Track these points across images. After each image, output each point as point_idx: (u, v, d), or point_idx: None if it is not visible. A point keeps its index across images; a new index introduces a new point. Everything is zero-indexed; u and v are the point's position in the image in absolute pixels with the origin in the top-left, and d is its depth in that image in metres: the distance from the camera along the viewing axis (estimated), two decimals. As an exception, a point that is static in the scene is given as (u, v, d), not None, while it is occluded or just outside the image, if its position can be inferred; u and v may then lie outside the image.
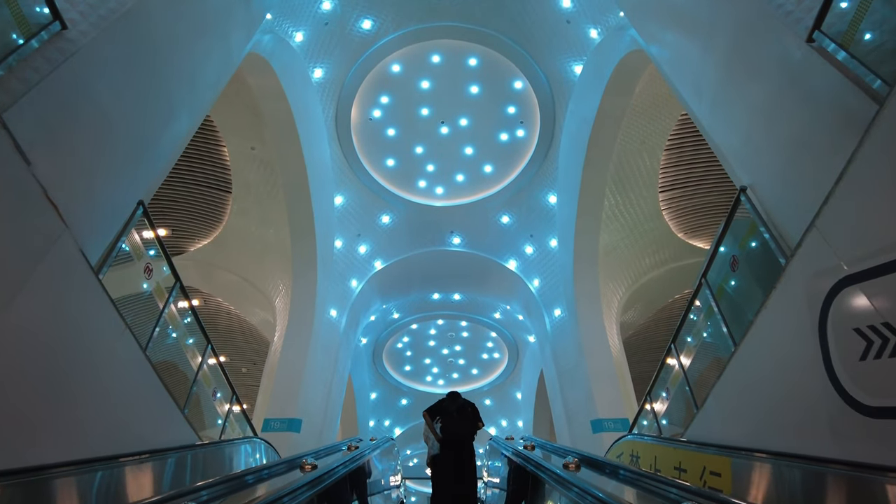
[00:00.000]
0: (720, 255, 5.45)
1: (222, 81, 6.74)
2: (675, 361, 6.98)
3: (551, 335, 13.47)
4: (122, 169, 4.61)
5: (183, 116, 5.58)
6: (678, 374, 6.66)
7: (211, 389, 7.40)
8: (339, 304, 13.77)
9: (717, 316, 5.42)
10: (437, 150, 13.33)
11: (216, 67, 6.36)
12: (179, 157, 12.31)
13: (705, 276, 5.73)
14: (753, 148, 4.84)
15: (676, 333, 6.69)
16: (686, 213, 13.88)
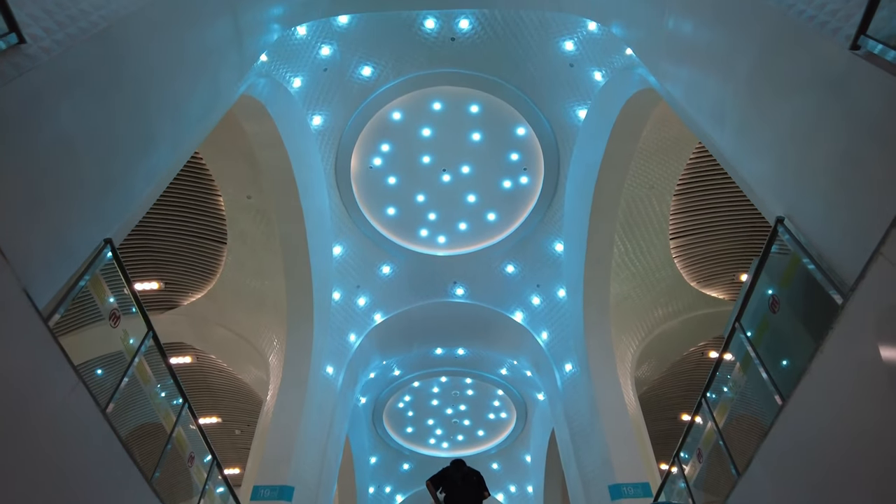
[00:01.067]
0: (756, 295, 4.85)
1: (211, 118, 6.38)
2: (704, 419, 6.25)
3: (563, 392, 12.64)
4: (84, 201, 4.12)
5: (163, 148, 5.15)
6: (710, 435, 5.91)
7: (188, 454, 6.61)
8: (337, 360, 13.04)
9: (757, 365, 4.78)
10: (438, 198, 12.97)
11: (203, 102, 6.01)
12: (173, 208, 12.06)
13: (739, 321, 5.11)
14: (789, 173, 4.34)
15: (707, 387, 6.00)
16: (698, 261, 13.34)
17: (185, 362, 15.88)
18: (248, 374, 15.41)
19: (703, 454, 6.14)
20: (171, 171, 5.60)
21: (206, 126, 6.28)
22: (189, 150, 5.93)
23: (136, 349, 5.22)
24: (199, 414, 17.80)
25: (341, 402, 12.85)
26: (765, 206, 4.83)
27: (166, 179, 5.56)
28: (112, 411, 4.62)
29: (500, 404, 18.43)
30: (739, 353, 5.26)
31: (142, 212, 5.21)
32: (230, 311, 13.89)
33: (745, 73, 4.88)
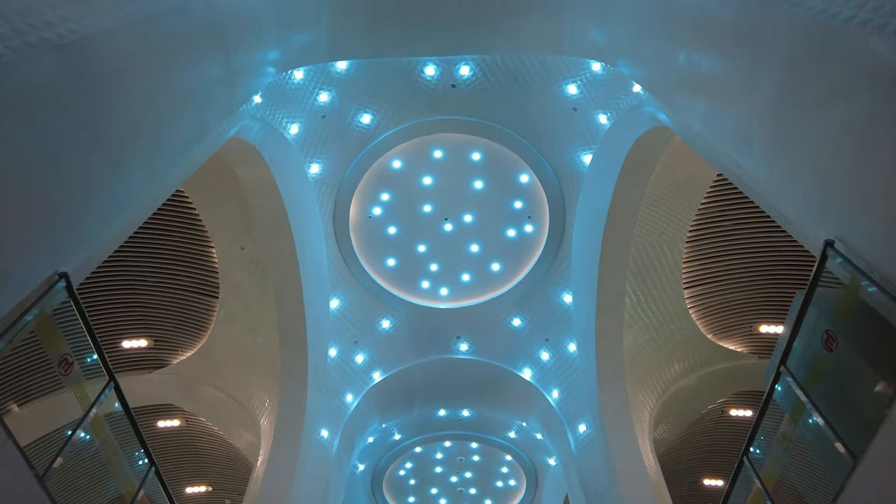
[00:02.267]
0: (804, 333, 4.23)
1: (197, 154, 5.98)
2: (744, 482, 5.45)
3: (577, 456, 11.68)
4: (34, 227, 3.60)
5: (137, 176, 4.69)
6: (758, 500, 5.10)
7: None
8: (332, 422, 12.16)
9: (811, 414, 4.09)
10: (440, 248, 12.50)
11: (187, 136, 5.62)
12: (163, 261, 11.58)
13: (784, 363, 4.45)
14: (836, 190, 3.84)
15: (749, 442, 5.24)
16: (714, 312, 12.68)
17: (173, 426, 14.93)
18: (240, 438, 14.44)
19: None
20: (148, 205, 5.13)
21: (191, 161, 5.87)
22: (170, 183, 5.49)
23: (92, 403, 4.52)
24: (187, 482, 16.78)
25: (336, 468, 11.86)
26: (807, 232, 4.29)
27: (141, 213, 5.08)
28: (57, 482, 3.92)
29: (508, 471, 17.23)
30: (787, 402, 4.57)
31: (109, 247, 4.68)
32: (221, 369, 13.14)
33: (773, 91, 4.47)
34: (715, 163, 5.80)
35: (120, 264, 11.40)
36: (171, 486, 16.59)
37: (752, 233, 11.38)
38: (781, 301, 12.24)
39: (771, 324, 12.75)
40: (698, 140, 6.01)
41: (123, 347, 12.80)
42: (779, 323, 12.64)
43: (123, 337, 12.67)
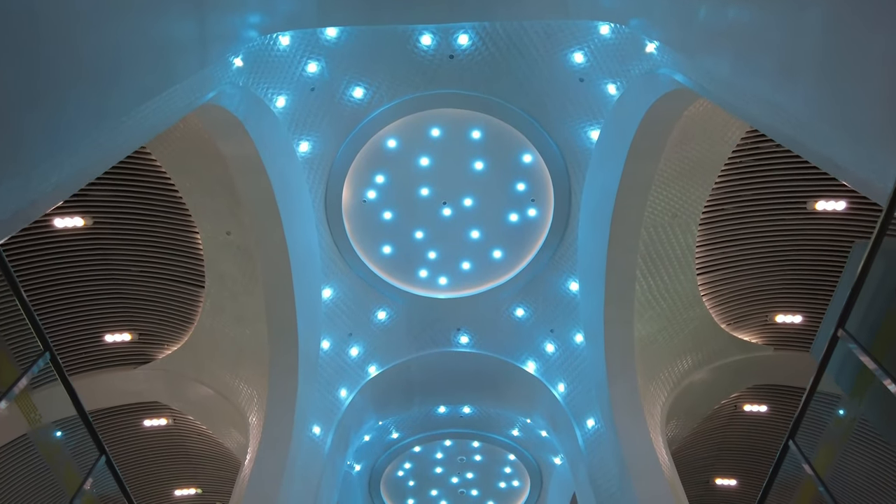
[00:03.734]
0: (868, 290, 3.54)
1: (162, 110, 5.30)
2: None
3: (585, 453, 10.98)
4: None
5: (81, 122, 4.00)
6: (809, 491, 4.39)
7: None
8: (325, 419, 11.48)
9: (880, 386, 3.41)
10: (439, 234, 11.84)
11: (149, 87, 4.94)
12: (146, 249, 10.91)
13: (843, 326, 3.75)
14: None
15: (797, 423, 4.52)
16: (728, 300, 12.00)
17: (160, 425, 14.24)
18: (230, 437, 13.74)
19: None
20: (99, 158, 4.45)
21: (154, 117, 5.19)
22: (127, 137, 4.81)
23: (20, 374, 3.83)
24: (176, 483, 16.10)
25: (329, 467, 11.16)
26: (869, 176, 3.62)
27: (90, 167, 4.40)
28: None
29: (511, 471, 16.52)
30: (844, 375, 3.88)
31: (45, 203, 3.99)
32: (208, 364, 12.46)
33: (821, 8, 3.81)
34: (748, 115, 5.14)
35: (101, 253, 10.77)
36: (160, 489, 16.03)
37: (770, 215, 10.74)
38: (799, 289, 11.60)
39: (788, 313, 12.10)
40: (727, 92, 5.35)
41: (107, 342, 12.15)
42: (796, 312, 12.00)
43: (106, 330, 12.02)
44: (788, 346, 12.60)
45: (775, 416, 14.07)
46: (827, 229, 10.71)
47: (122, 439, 14.07)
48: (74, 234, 10.41)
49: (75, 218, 10.18)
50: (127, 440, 14.17)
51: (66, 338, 11.62)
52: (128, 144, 5.04)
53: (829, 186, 10.19)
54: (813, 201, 10.41)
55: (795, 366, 12.65)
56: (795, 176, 10.19)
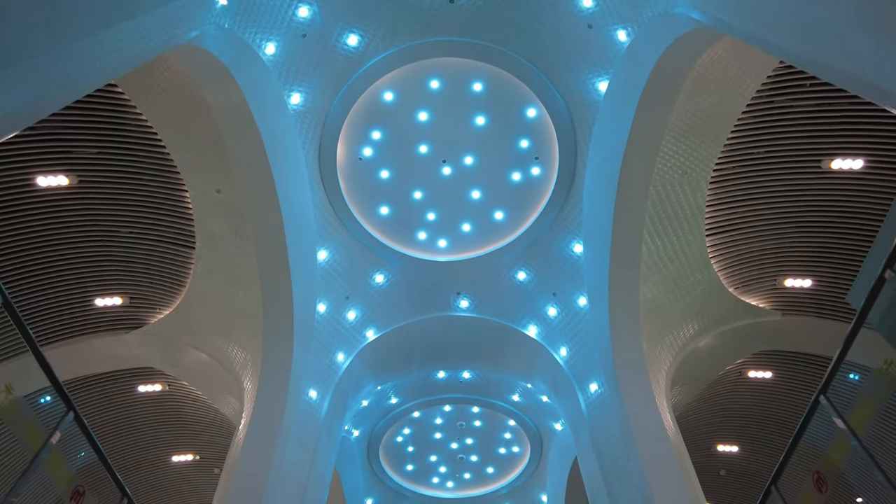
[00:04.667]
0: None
1: (129, 41, 4.80)
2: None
3: (588, 417, 10.74)
4: None
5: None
6: (842, 447, 4.03)
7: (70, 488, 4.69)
8: (321, 382, 11.21)
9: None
10: (438, 194, 11.38)
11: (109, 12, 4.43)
12: (134, 208, 10.45)
13: (892, 266, 3.34)
14: None
15: (831, 375, 4.16)
16: (737, 262, 11.61)
17: (155, 391, 14.03)
18: (226, 404, 13.53)
19: (825, 480, 4.24)
20: (62, 82, 3.98)
21: (124, 49, 4.69)
22: (92, 66, 4.32)
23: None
24: (172, 450, 15.99)
25: (326, 431, 10.93)
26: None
27: (54, 93, 3.94)
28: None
29: (511, 436, 16.39)
30: (889, 319, 3.48)
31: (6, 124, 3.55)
32: (202, 328, 12.15)
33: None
34: (776, 45, 4.64)
35: (88, 214, 10.34)
36: (157, 455, 15.93)
37: (783, 173, 10.27)
38: (809, 252, 11.21)
39: (797, 277, 11.73)
40: (753, 21, 4.83)
41: (97, 306, 11.80)
42: (806, 276, 11.64)
43: (96, 294, 11.66)
44: (796, 312, 12.28)
45: (780, 383, 13.85)
46: (842, 189, 10.24)
47: (116, 405, 13.87)
48: (59, 193, 9.95)
49: (59, 176, 9.72)
50: (122, 406, 13.97)
51: (56, 302, 11.28)
52: (95, 76, 4.56)
53: (846, 144, 9.70)
54: (828, 159, 9.93)
55: (803, 331, 12.37)
56: (811, 132, 9.69)
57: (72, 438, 4.33)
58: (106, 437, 14.31)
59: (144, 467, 15.55)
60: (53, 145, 9.34)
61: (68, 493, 3.77)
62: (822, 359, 12.86)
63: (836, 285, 11.51)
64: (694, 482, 9.05)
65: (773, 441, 15.28)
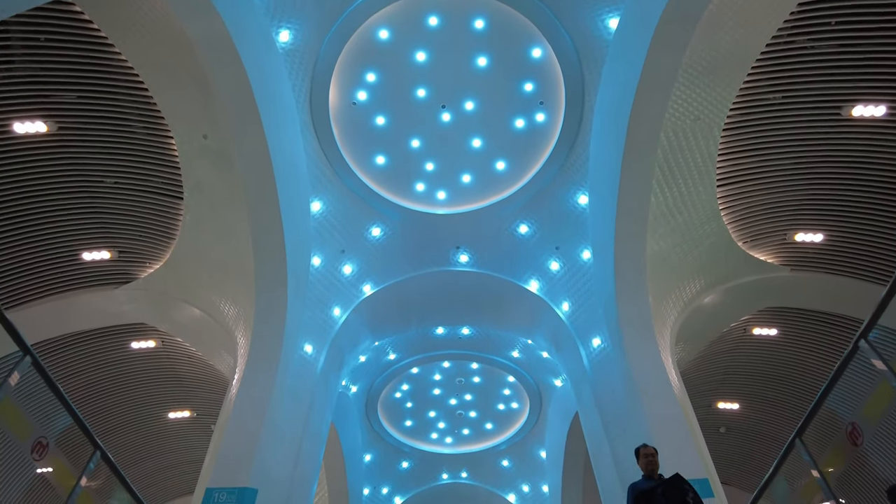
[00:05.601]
0: None
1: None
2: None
3: (590, 373, 10.48)
4: None
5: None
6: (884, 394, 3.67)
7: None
8: (317, 337, 10.91)
9: None
10: (437, 142, 10.82)
11: None
12: (120, 157, 9.92)
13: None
14: None
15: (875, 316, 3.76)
16: (747, 215, 11.18)
17: (148, 347, 13.80)
18: (221, 360, 13.31)
19: (861, 431, 3.88)
20: None
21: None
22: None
23: None
24: (168, 408, 15.86)
25: (322, 386, 10.70)
26: None
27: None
28: None
29: (510, 393, 16.28)
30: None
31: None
32: (193, 282, 11.79)
33: None
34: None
35: (70, 163, 9.84)
36: (153, 412, 15.82)
37: (801, 120, 9.73)
38: (823, 205, 10.77)
39: (809, 231, 11.33)
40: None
41: (84, 260, 11.41)
42: (818, 230, 11.23)
43: (83, 248, 11.26)
44: (805, 267, 11.92)
45: (786, 340, 13.61)
46: (862, 138, 9.71)
47: (110, 362, 13.64)
48: (38, 140, 9.43)
49: (37, 123, 9.18)
50: (115, 363, 13.74)
51: (41, 256, 10.88)
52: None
53: (868, 89, 9.13)
54: (849, 106, 9.38)
55: (811, 288, 12.04)
56: (831, 76, 9.09)
57: (37, 393, 3.97)
58: (100, 394, 14.16)
59: (141, 424, 15.47)
60: (30, 89, 8.76)
61: (29, 446, 3.44)
62: (830, 316, 12.58)
63: (849, 240, 11.11)
64: (699, 440, 8.85)
65: (775, 399, 15.18)
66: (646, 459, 4.85)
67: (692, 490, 4.20)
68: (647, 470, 4.78)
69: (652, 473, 4.75)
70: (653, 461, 4.80)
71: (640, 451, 5.02)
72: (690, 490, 4.19)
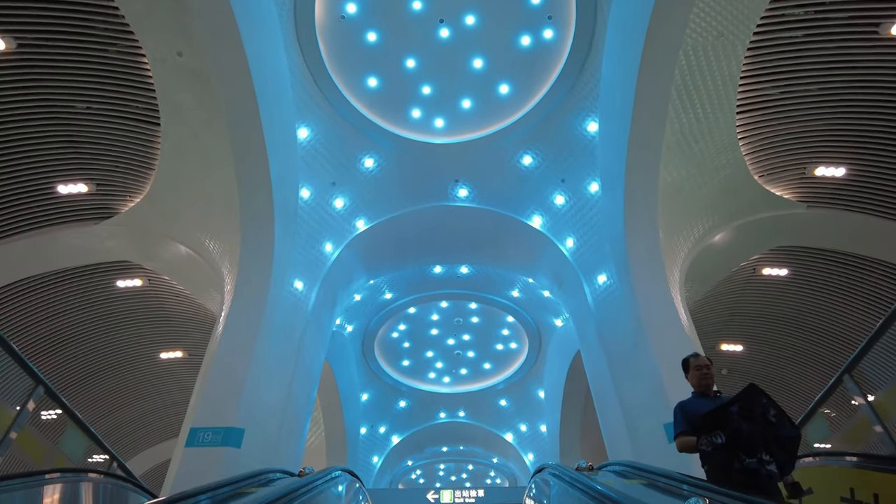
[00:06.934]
0: None
1: None
2: None
3: (595, 310, 10.01)
4: None
5: None
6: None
7: None
8: (308, 273, 10.37)
9: None
10: (434, 62, 9.92)
11: None
12: (90, 79, 9.05)
13: None
14: None
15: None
16: (767, 146, 10.42)
17: (135, 286, 13.28)
18: (210, 298, 12.84)
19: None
20: None
21: None
22: None
23: None
24: (160, 348, 15.50)
25: (314, 324, 10.25)
26: None
27: None
28: None
29: (509, 333, 15.97)
30: None
31: None
32: (176, 217, 11.13)
33: None
34: None
35: (34, 85, 8.98)
36: (145, 353, 15.49)
37: (833, 39, 8.82)
38: (849, 135, 9.99)
39: (830, 164, 10.60)
40: None
41: (60, 193, 10.70)
42: (840, 163, 10.50)
43: (58, 181, 10.54)
44: (823, 204, 11.27)
45: (796, 281, 13.13)
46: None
47: (95, 301, 13.16)
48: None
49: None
50: (101, 302, 13.27)
51: (12, 189, 10.17)
52: None
53: (912, 2, 8.24)
54: (888, 23, 8.47)
55: (828, 226, 11.43)
56: (870, -11, 8.19)
57: None
58: (88, 335, 13.75)
59: (133, 365, 15.19)
60: (-18, 1, 7.85)
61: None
62: (844, 256, 12.04)
63: (873, 175, 10.41)
64: (707, 377, 8.42)
65: (779, 341, 14.86)
66: (698, 372, 3.86)
67: (774, 404, 3.18)
68: (701, 385, 3.82)
69: (707, 390, 3.80)
70: (708, 374, 3.83)
71: (689, 362, 4.02)
72: (772, 404, 3.18)
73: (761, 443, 3.01)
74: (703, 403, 3.59)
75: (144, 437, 16.97)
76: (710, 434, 3.14)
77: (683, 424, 3.52)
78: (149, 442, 17.18)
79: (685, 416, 3.55)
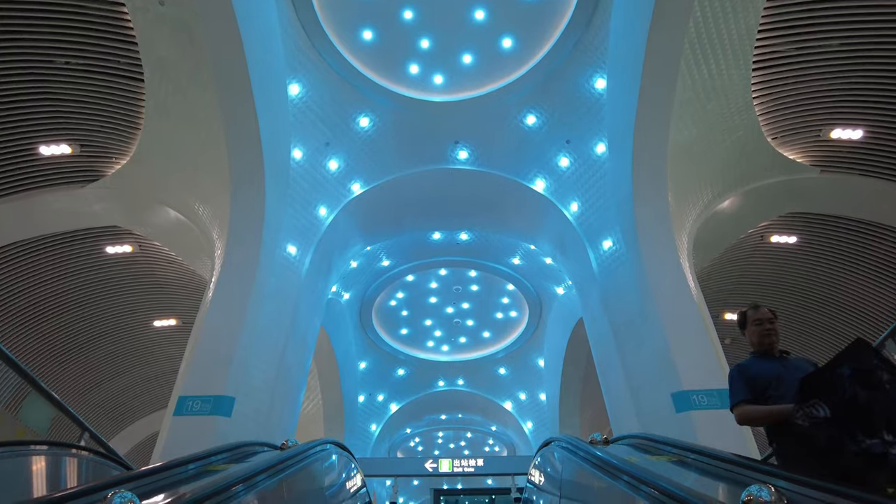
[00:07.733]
0: None
1: None
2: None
3: (599, 276, 9.66)
4: None
5: None
6: None
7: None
8: (301, 238, 9.97)
9: None
10: (433, 13, 9.33)
11: None
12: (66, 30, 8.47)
13: None
14: None
15: None
16: (783, 106, 9.91)
17: (125, 252, 12.88)
18: (202, 265, 12.47)
19: None
20: None
21: None
22: None
23: None
24: (153, 316, 15.19)
25: (309, 290, 9.91)
26: None
27: None
28: None
29: (509, 301, 15.67)
30: None
31: None
32: (163, 179, 10.68)
33: None
34: None
35: (15, 41, 8.43)
36: (138, 321, 15.15)
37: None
38: (870, 95, 9.47)
39: (848, 126, 10.11)
40: None
41: (43, 155, 10.22)
42: (857, 125, 10.01)
43: (40, 141, 10.05)
44: (837, 169, 10.82)
45: (804, 248, 12.74)
46: (927, 13, 8.30)
47: (84, 268, 12.77)
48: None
49: (-42, -15, 7.70)
50: (90, 269, 12.89)
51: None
52: None
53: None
54: (917, -27, 7.91)
55: (840, 191, 10.99)
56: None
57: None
58: (78, 302, 13.40)
59: (125, 333, 14.90)
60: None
61: None
62: (855, 222, 11.63)
63: (892, 137, 9.96)
64: (717, 347, 8.13)
65: (787, 310, 14.51)
66: (758, 328, 3.18)
67: (889, 365, 2.33)
68: (763, 344, 3.16)
69: (770, 349, 3.15)
70: (771, 330, 3.16)
71: (747, 316, 3.28)
72: (886, 366, 2.33)
73: (884, 417, 2.23)
74: (767, 366, 3.02)
75: (142, 405, 16.81)
76: (807, 404, 2.40)
77: (746, 391, 2.91)
78: (143, 411, 17.03)
79: (746, 382, 2.95)
